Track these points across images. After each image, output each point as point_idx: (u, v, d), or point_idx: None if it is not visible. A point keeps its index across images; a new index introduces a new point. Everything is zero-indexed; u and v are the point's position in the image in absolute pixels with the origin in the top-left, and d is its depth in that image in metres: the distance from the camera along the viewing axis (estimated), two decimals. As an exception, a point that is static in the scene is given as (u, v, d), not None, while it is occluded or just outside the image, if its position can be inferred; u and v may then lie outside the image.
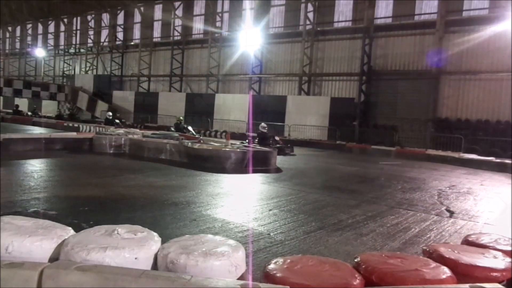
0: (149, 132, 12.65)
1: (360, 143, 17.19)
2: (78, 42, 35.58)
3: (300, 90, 21.35)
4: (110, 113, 19.19)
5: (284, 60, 22.42)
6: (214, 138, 17.88)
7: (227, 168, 8.40)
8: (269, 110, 20.39)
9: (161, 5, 28.69)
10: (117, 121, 18.24)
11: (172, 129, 16.14)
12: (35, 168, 7.07)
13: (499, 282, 1.94)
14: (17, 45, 42.36)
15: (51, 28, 38.19)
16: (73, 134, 11.43)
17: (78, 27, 35.30)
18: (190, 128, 16.12)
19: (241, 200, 5.64)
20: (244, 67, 23.78)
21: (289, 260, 2.00)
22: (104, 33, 33.07)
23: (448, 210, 5.55)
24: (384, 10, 19.27)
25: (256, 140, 13.08)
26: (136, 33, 30.60)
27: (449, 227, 4.61)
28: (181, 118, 16.76)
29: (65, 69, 36.25)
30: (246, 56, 23.21)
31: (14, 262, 1.68)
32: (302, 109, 19.83)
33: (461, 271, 2.03)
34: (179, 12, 27.24)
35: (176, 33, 27.56)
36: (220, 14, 25.16)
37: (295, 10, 22.10)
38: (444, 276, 1.92)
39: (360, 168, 10.71)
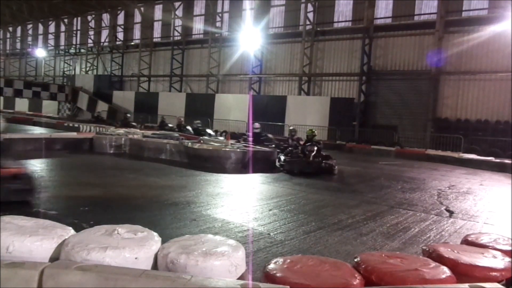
0: (149, 132, 12.66)
1: (360, 143, 17.19)
2: (78, 42, 35.56)
3: (300, 90, 21.33)
4: (199, 122, 15.65)
5: (284, 60, 22.40)
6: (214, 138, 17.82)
7: (227, 168, 8.41)
8: (269, 110, 20.38)
9: (161, 5, 28.68)
10: (209, 131, 14.93)
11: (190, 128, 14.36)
12: (35, 168, 7.06)
13: (499, 282, 1.95)
14: (18, 45, 42.35)
15: (52, 28, 38.17)
16: (73, 134, 11.44)
17: (79, 27, 35.28)
18: (209, 130, 14.39)
19: (241, 200, 5.64)
20: (244, 67, 23.76)
21: (289, 260, 2.01)
22: (104, 33, 33.05)
23: (447, 210, 5.56)
24: (384, 10, 19.26)
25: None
26: (136, 33, 30.59)
27: (448, 227, 4.61)
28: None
29: (65, 69, 36.22)
30: (246, 56, 23.18)
31: (15, 262, 1.68)
32: (302, 109, 19.81)
33: (461, 271, 2.03)
34: (179, 12, 27.23)
35: (176, 33, 27.54)
36: (220, 14, 25.15)
37: (295, 10, 22.08)
38: (443, 276, 1.93)
39: (360, 168, 10.70)
